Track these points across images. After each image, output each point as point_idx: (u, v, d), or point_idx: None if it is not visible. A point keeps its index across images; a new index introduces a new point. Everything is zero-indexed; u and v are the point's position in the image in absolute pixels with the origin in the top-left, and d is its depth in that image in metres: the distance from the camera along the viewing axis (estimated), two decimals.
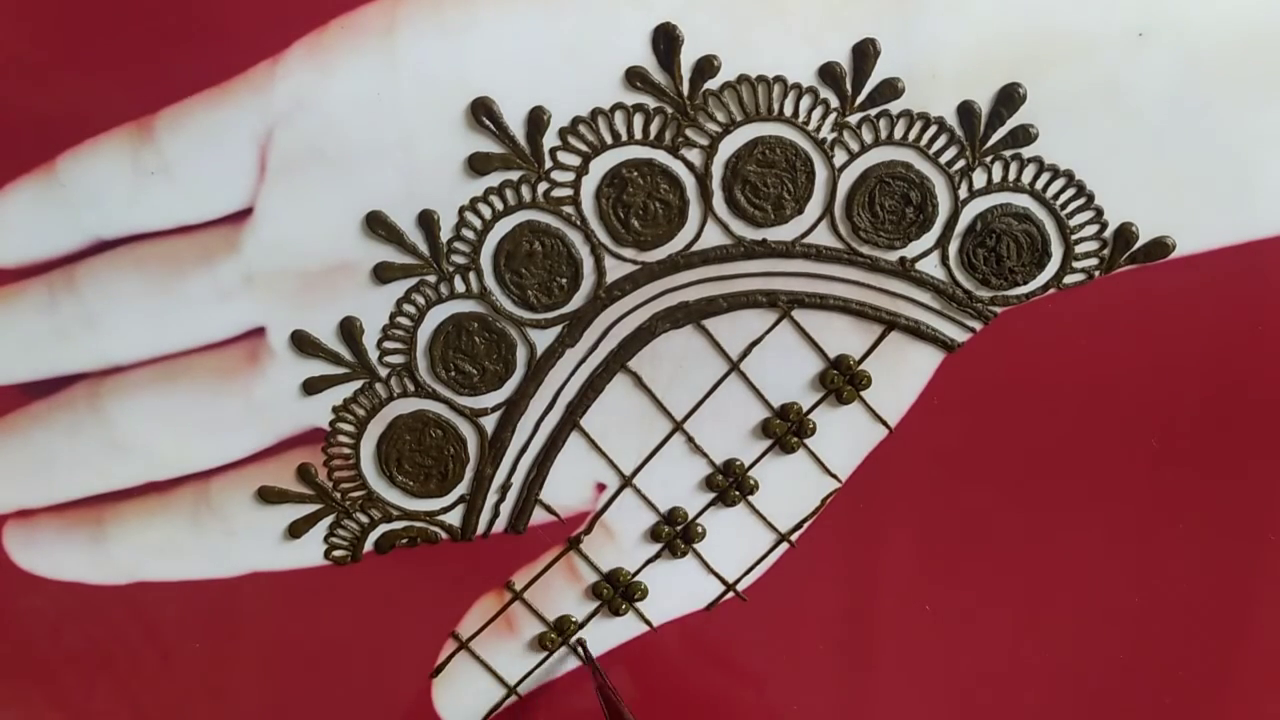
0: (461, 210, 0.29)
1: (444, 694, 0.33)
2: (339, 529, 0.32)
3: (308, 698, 0.34)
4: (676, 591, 0.33)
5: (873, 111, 0.28)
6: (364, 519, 0.32)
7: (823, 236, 0.29)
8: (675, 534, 0.32)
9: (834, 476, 0.32)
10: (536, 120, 0.28)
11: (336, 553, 0.32)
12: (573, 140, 0.28)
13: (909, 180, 0.29)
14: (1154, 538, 0.32)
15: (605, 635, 0.33)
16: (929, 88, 0.28)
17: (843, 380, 0.31)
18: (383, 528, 0.32)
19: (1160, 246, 0.29)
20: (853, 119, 0.28)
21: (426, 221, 0.29)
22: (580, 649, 0.30)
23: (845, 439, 0.32)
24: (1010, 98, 0.28)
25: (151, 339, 0.30)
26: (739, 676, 0.33)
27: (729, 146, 0.29)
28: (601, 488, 0.32)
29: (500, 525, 0.32)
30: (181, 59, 0.27)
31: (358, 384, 0.30)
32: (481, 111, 0.28)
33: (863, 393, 0.31)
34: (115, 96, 0.27)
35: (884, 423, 0.31)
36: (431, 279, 0.29)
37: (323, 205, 0.28)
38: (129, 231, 0.29)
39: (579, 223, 0.29)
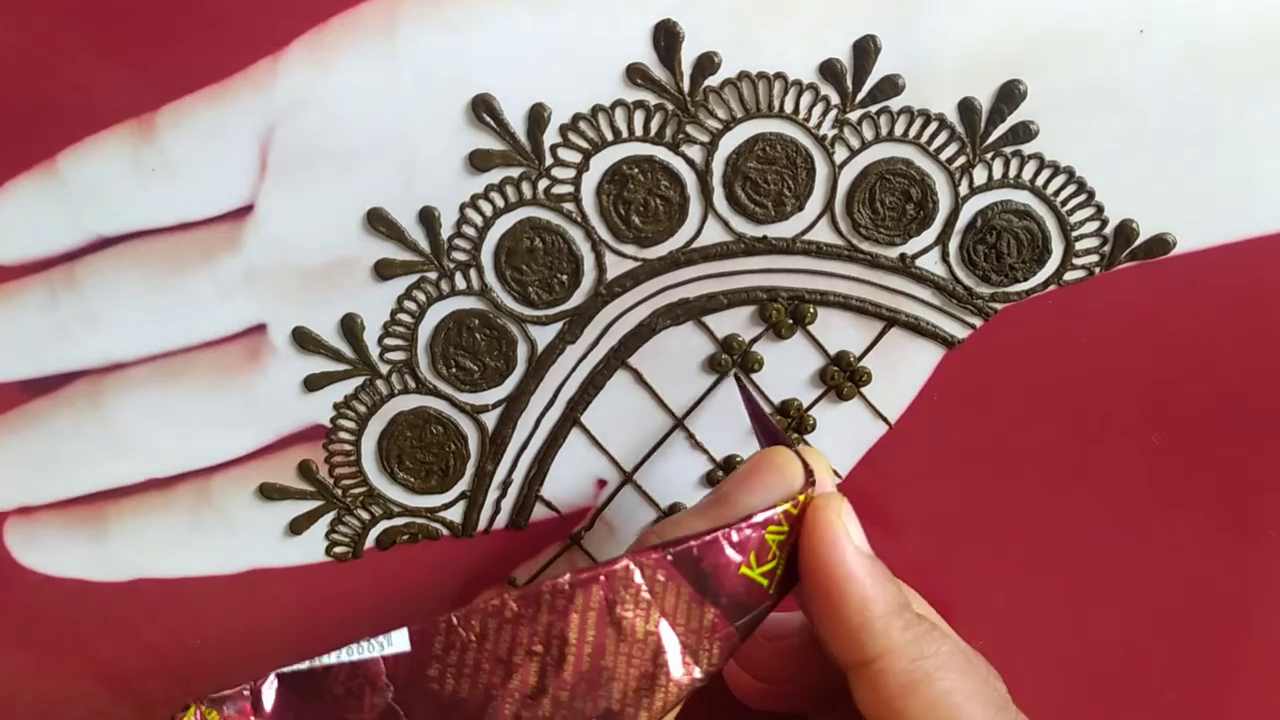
0: (462, 207, 0.29)
1: None
2: (340, 525, 0.32)
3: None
4: None
5: (873, 108, 0.28)
6: (365, 515, 0.32)
7: (823, 233, 0.30)
8: None
9: (834, 473, 0.32)
10: (537, 117, 0.28)
11: (338, 549, 0.32)
12: (573, 137, 0.28)
13: (909, 177, 0.29)
14: (1154, 534, 0.32)
15: None
16: (929, 84, 0.28)
17: (843, 377, 0.31)
18: (384, 524, 0.32)
19: (1161, 243, 0.29)
20: (853, 115, 0.28)
21: (427, 218, 0.29)
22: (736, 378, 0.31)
23: (845, 435, 0.32)
24: (1011, 94, 0.28)
25: (152, 336, 0.30)
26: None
27: (729, 143, 0.29)
28: (602, 484, 0.32)
29: (501, 521, 0.32)
30: (183, 56, 0.27)
31: (359, 381, 0.30)
32: (482, 108, 0.28)
33: (863, 389, 0.31)
34: (116, 93, 0.27)
35: (884, 419, 0.31)
36: (432, 276, 0.29)
37: (324, 202, 0.28)
38: (130, 229, 0.29)
39: (580, 219, 0.29)
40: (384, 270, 0.29)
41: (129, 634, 0.33)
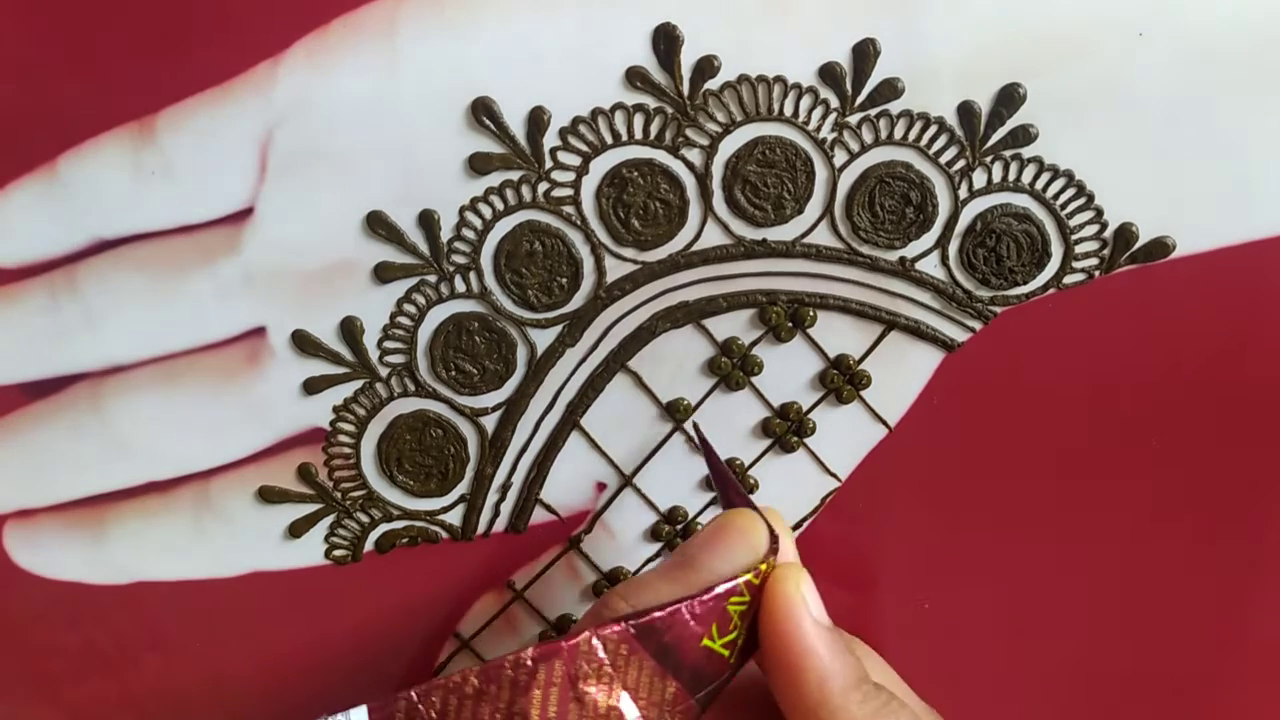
0: (462, 210, 0.29)
1: None
2: (339, 528, 0.32)
3: (308, 697, 0.34)
4: None
5: (873, 111, 0.28)
6: (364, 518, 0.32)
7: (823, 236, 0.30)
8: (676, 533, 0.32)
9: (833, 476, 0.32)
10: (537, 120, 0.28)
11: (337, 552, 0.32)
12: (573, 140, 0.28)
13: (909, 180, 0.29)
14: (1154, 537, 0.32)
15: None
16: (929, 87, 0.28)
17: (842, 380, 0.31)
18: (383, 527, 0.32)
19: (1160, 246, 0.29)
20: (853, 119, 0.28)
21: (427, 221, 0.29)
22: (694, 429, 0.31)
23: (845, 438, 0.32)
24: (1010, 97, 0.28)
25: (152, 339, 0.30)
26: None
27: (729, 146, 0.29)
28: (602, 487, 0.32)
29: (500, 525, 0.32)
30: (183, 59, 0.27)
31: (358, 384, 0.30)
32: (482, 111, 0.28)
33: (862, 392, 0.31)
34: (116, 96, 0.27)
35: (884, 422, 0.31)
36: (432, 279, 0.29)
37: (323, 205, 0.28)
38: (130, 231, 0.29)
39: (579, 222, 0.29)
40: (383, 273, 0.29)
41: (128, 637, 0.33)
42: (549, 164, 0.29)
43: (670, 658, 0.24)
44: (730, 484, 0.28)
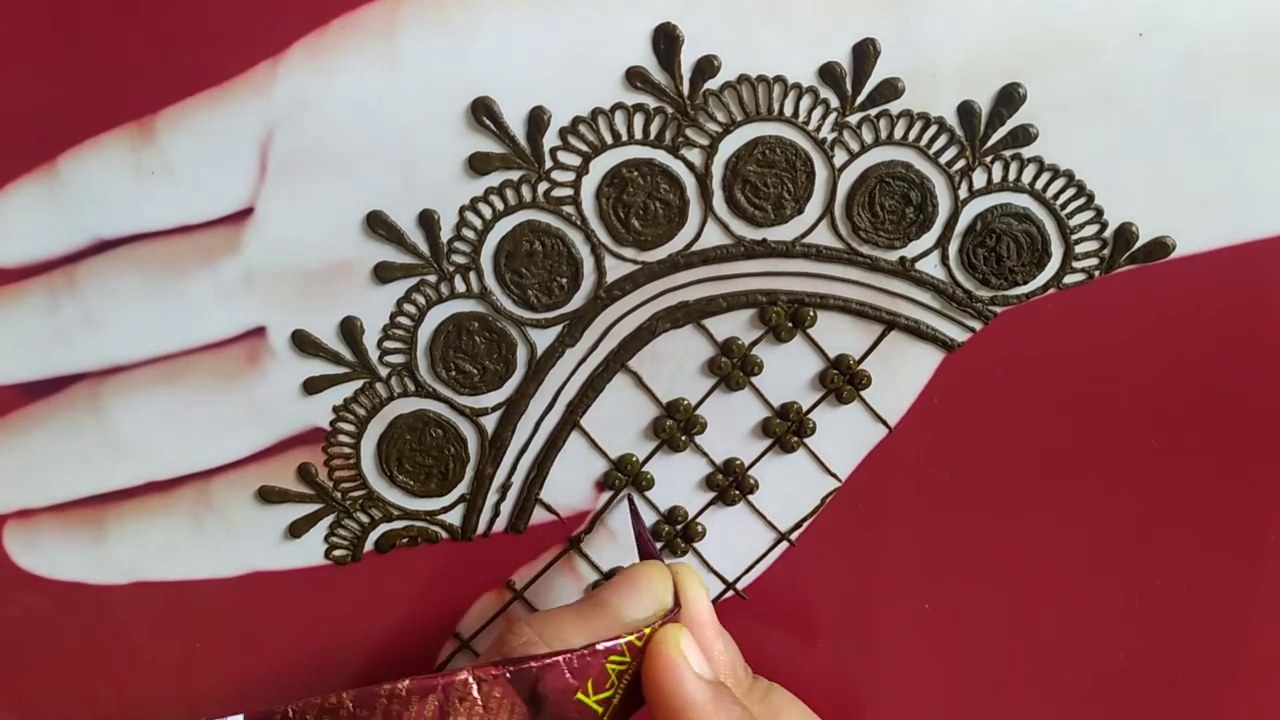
0: (462, 210, 0.29)
1: None
2: (339, 528, 0.32)
3: (308, 697, 0.34)
4: None
5: (873, 111, 0.28)
6: (364, 518, 0.32)
7: (823, 236, 0.30)
8: (675, 533, 0.32)
9: (834, 476, 0.32)
10: (537, 120, 0.28)
11: (337, 552, 0.32)
12: (573, 140, 0.28)
13: (909, 180, 0.29)
14: (1154, 537, 0.32)
15: None
16: (929, 88, 0.28)
17: (843, 380, 0.31)
18: (383, 527, 0.32)
19: (1160, 246, 0.29)
20: (853, 119, 0.28)
21: (427, 221, 0.29)
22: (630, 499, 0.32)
23: (845, 438, 0.32)
24: (1010, 98, 0.28)
25: (152, 339, 0.30)
26: None
27: (729, 146, 0.29)
28: (601, 487, 0.32)
29: (500, 525, 0.32)
30: (182, 59, 0.27)
31: (358, 384, 0.30)
32: (482, 111, 0.28)
33: (862, 392, 0.31)
34: (116, 96, 0.27)
35: (884, 422, 0.31)
36: (432, 279, 0.29)
37: (323, 205, 0.28)
38: (130, 231, 0.29)
39: (579, 222, 0.29)
40: (383, 273, 0.29)
41: (128, 637, 0.33)
42: (549, 164, 0.29)
43: (543, 706, 0.25)
44: (647, 544, 0.30)
